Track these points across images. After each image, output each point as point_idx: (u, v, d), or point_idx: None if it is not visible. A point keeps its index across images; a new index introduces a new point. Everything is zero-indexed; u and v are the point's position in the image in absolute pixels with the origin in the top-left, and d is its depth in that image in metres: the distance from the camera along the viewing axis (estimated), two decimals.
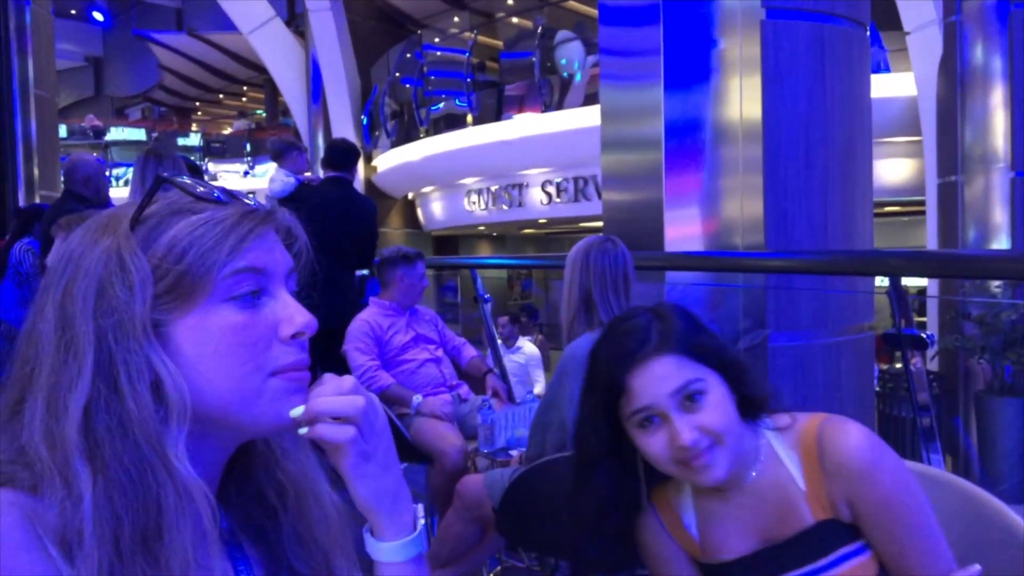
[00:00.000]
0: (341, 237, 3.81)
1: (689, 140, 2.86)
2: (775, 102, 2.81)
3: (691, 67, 2.88)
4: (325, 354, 3.03)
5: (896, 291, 2.14)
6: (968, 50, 6.41)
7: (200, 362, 0.63)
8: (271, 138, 4.69)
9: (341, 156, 4.10)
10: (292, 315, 0.66)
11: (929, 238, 7.21)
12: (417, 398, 3.01)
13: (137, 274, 0.61)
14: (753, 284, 2.94)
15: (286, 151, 4.28)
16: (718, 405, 1.07)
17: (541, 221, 11.57)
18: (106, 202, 3.67)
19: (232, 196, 0.67)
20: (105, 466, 0.58)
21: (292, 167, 4.23)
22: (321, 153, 7.33)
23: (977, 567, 0.99)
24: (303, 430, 0.67)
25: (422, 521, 0.74)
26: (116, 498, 0.57)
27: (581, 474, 1.16)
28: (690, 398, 1.06)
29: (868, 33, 3.15)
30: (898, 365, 8.41)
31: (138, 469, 0.58)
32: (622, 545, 1.17)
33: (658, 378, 1.06)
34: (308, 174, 4.27)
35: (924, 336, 2.14)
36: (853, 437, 1.08)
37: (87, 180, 3.58)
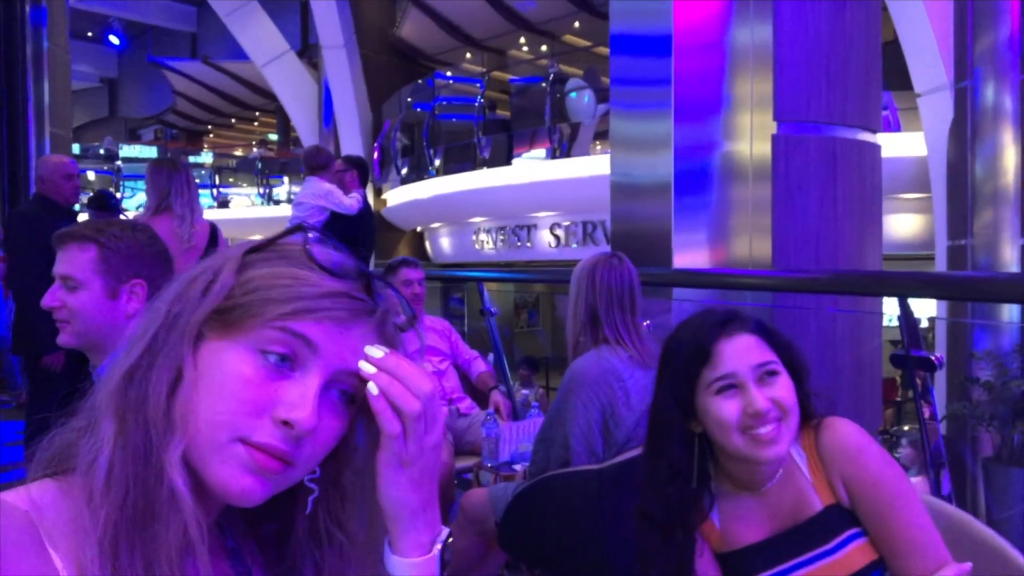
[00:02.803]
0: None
1: (698, 172, 2.91)
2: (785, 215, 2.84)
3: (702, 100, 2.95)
4: None
5: (904, 312, 2.13)
6: (979, 116, 6.42)
7: (199, 387, 0.61)
8: (307, 148, 4.73)
9: (367, 173, 4.53)
10: (298, 403, 0.61)
11: (939, 305, 7.19)
12: None
13: (217, 285, 0.63)
14: (761, 303, 2.95)
15: (329, 162, 4.34)
16: (788, 387, 1.18)
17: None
18: (72, 206, 3.68)
19: (346, 274, 0.65)
20: (126, 431, 0.60)
21: (330, 178, 4.29)
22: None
23: (968, 565, 1.05)
24: (372, 387, 0.63)
25: (439, 546, 0.69)
26: (127, 465, 0.59)
27: (656, 442, 1.25)
28: (768, 374, 1.18)
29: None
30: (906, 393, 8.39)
31: (146, 447, 0.60)
32: (688, 510, 1.23)
33: (744, 349, 1.19)
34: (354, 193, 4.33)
35: (933, 358, 2.10)
36: (844, 424, 1.23)
37: (40, 180, 3.59)
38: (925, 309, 6.12)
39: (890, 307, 2.41)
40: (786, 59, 2.89)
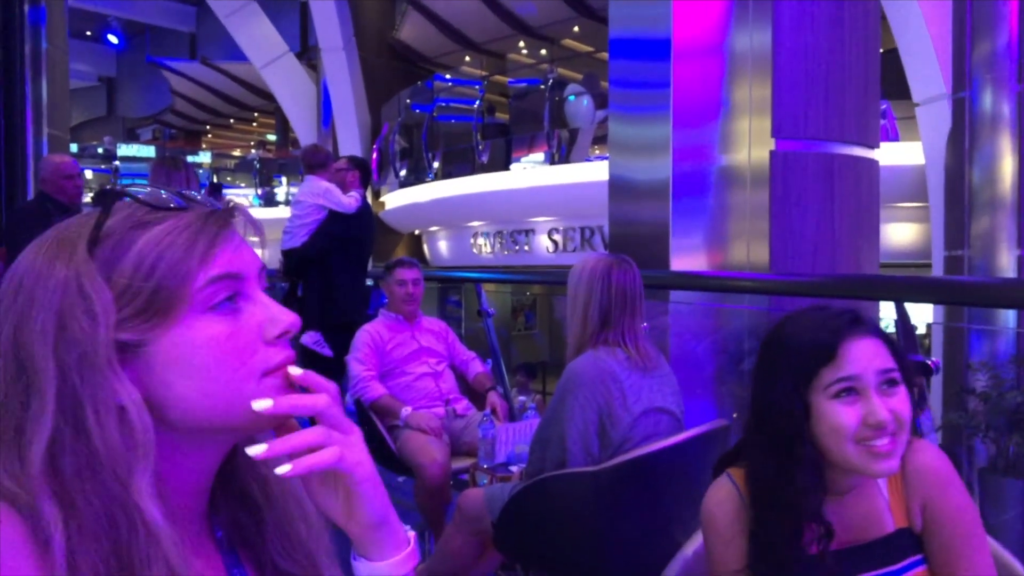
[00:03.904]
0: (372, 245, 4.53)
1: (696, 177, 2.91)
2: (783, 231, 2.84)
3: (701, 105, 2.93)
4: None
5: (901, 317, 2.12)
6: (977, 126, 6.44)
7: (191, 376, 0.60)
8: (305, 146, 4.73)
9: (368, 175, 4.54)
10: (274, 316, 0.64)
11: (935, 310, 7.20)
12: (406, 410, 3.02)
13: (99, 302, 0.58)
14: (758, 306, 2.95)
15: (327, 160, 4.34)
16: (906, 400, 1.12)
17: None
18: (76, 205, 3.68)
19: (189, 199, 0.64)
20: (75, 508, 0.56)
21: (329, 177, 4.28)
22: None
23: None
24: (284, 468, 0.61)
25: (412, 533, 0.71)
26: (88, 541, 0.55)
27: (784, 448, 1.13)
28: (890, 383, 1.11)
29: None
30: None
31: (108, 510, 0.56)
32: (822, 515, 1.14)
33: (870, 353, 1.11)
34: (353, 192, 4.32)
35: (929, 362, 2.10)
36: (934, 451, 1.17)
37: (42, 180, 3.60)
38: (922, 317, 6.13)
39: (887, 313, 2.40)
40: (784, 76, 2.89)
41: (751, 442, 1.19)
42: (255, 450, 0.62)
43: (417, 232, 13.18)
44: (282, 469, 0.61)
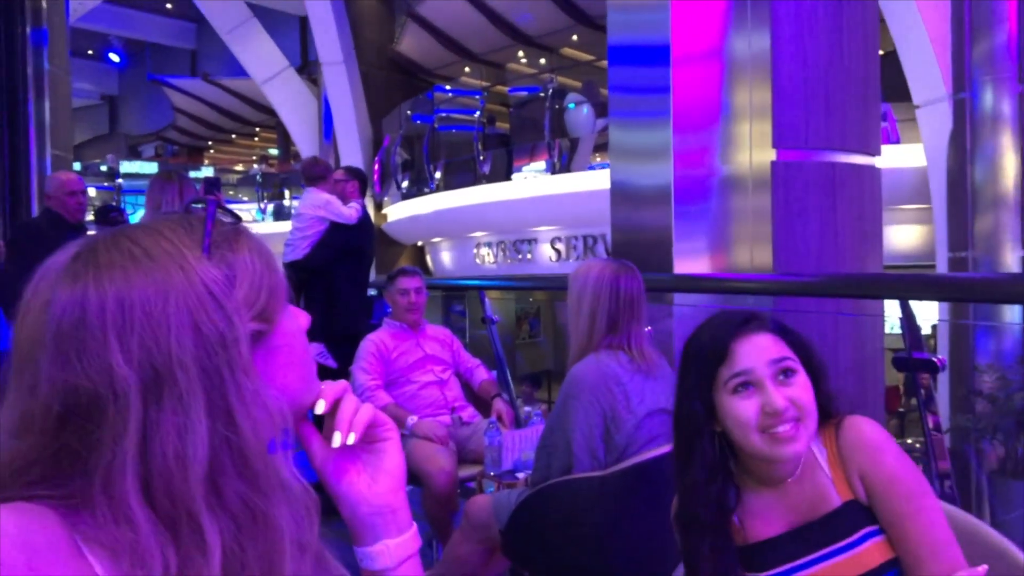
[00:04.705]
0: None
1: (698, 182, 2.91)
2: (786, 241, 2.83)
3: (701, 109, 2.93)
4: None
5: (905, 315, 2.11)
6: (978, 126, 6.43)
7: (292, 363, 0.65)
8: (305, 159, 4.79)
9: (366, 184, 4.58)
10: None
11: (940, 308, 7.19)
12: (412, 419, 3.01)
13: (231, 301, 0.59)
14: (762, 308, 2.93)
15: (327, 172, 4.36)
16: (805, 387, 1.18)
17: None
18: (79, 222, 3.71)
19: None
20: (226, 510, 0.57)
21: (329, 188, 4.30)
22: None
23: (984, 567, 1.03)
24: (351, 438, 0.70)
25: (412, 524, 0.76)
26: (243, 542, 0.57)
27: (687, 444, 1.24)
28: (784, 372, 1.18)
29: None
30: (910, 404, 8.35)
31: (261, 502, 0.58)
32: (725, 508, 1.23)
33: (760, 347, 1.19)
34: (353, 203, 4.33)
35: (935, 360, 2.10)
36: (863, 422, 1.22)
37: (47, 197, 3.63)
38: (927, 316, 6.10)
39: (892, 314, 2.39)
40: (784, 85, 2.87)
41: (675, 447, 1.28)
42: (350, 439, 0.69)
43: (420, 244, 13.20)
44: (350, 439, 0.69)
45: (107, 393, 0.55)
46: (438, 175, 11.85)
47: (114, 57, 21.22)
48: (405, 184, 12.56)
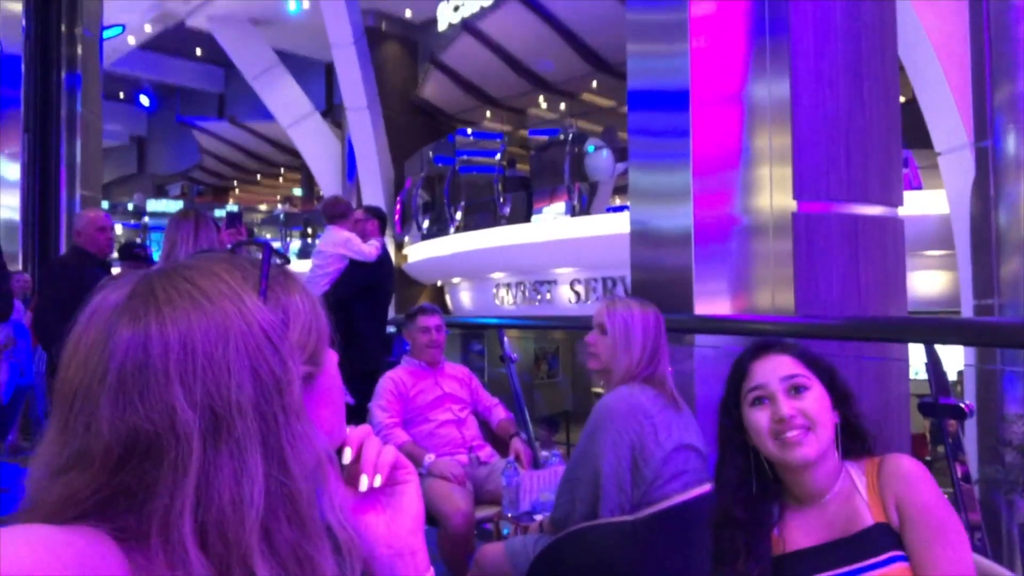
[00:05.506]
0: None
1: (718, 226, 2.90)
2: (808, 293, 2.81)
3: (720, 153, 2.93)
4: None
5: (931, 360, 2.08)
6: (1001, 173, 6.39)
7: (332, 402, 0.67)
8: (326, 198, 4.86)
9: (385, 223, 4.62)
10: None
11: (966, 353, 7.07)
12: (429, 458, 2.97)
13: (286, 344, 0.60)
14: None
15: (347, 211, 4.41)
16: (818, 401, 1.31)
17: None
18: (105, 257, 3.77)
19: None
20: (277, 555, 0.57)
21: (349, 227, 4.34)
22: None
23: None
24: (377, 480, 0.71)
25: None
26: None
27: (722, 451, 1.41)
28: (796, 388, 1.32)
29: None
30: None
31: (309, 548, 0.58)
32: (756, 508, 1.35)
33: (775, 366, 1.35)
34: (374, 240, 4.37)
35: (963, 405, 2.05)
36: (906, 456, 1.32)
37: (77, 233, 3.69)
38: (953, 363, 6.01)
39: (917, 359, 2.35)
40: (803, 135, 2.87)
41: (717, 456, 1.43)
42: (377, 480, 0.71)
43: (440, 284, 13.25)
44: (377, 481, 0.70)
45: (168, 436, 0.54)
46: (458, 216, 11.95)
47: (144, 100, 21.76)
48: (426, 225, 12.67)
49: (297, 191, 23.72)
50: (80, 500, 0.55)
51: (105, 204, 16.57)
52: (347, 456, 0.69)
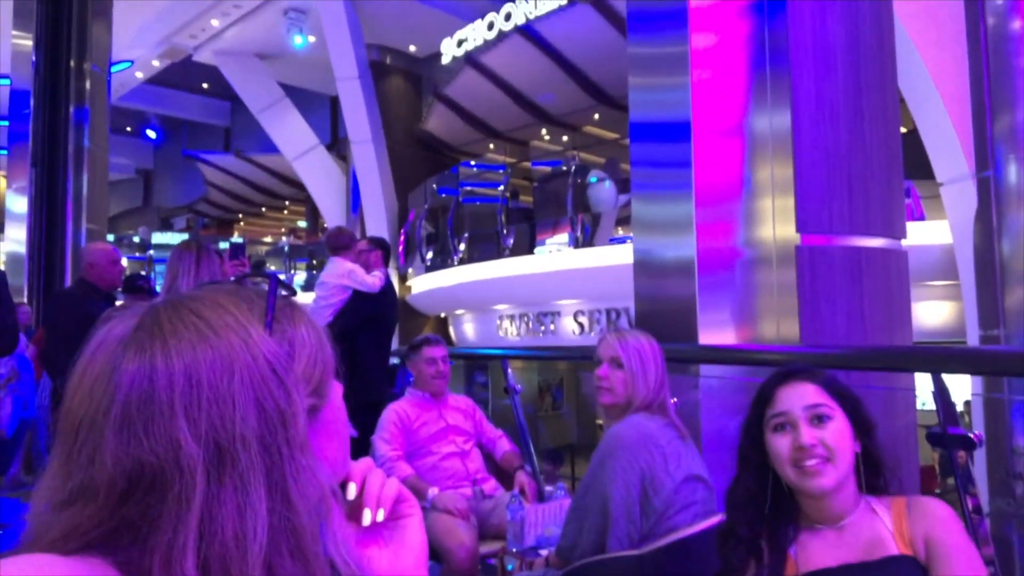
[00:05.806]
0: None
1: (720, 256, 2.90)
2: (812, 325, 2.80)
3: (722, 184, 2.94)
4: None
5: (939, 389, 2.07)
6: (1003, 202, 6.40)
7: (337, 434, 0.65)
8: (330, 229, 4.90)
9: (389, 253, 4.64)
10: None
11: (973, 383, 7.02)
12: (433, 491, 2.93)
13: (290, 377, 0.60)
14: None
15: (351, 242, 4.42)
16: (839, 432, 1.33)
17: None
18: (113, 289, 3.80)
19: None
20: None
21: (353, 258, 4.35)
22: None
23: None
24: (380, 514, 0.69)
25: None
26: None
27: (737, 469, 1.43)
28: (819, 418, 1.34)
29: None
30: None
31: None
32: (761, 527, 1.37)
33: (800, 394, 1.37)
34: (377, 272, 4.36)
35: (971, 435, 2.04)
36: (939, 500, 1.32)
37: (89, 265, 3.71)
38: (960, 393, 5.95)
39: (924, 389, 2.33)
40: (805, 169, 2.88)
41: (733, 478, 1.44)
42: (380, 515, 0.69)
43: (443, 315, 13.25)
44: (380, 515, 0.69)
45: (172, 469, 0.54)
46: (462, 248, 11.99)
47: (151, 134, 21.98)
48: (429, 256, 12.71)
49: (302, 223, 23.84)
50: (83, 533, 0.54)
51: (111, 237, 16.66)
52: (351, 492, 0.68)
